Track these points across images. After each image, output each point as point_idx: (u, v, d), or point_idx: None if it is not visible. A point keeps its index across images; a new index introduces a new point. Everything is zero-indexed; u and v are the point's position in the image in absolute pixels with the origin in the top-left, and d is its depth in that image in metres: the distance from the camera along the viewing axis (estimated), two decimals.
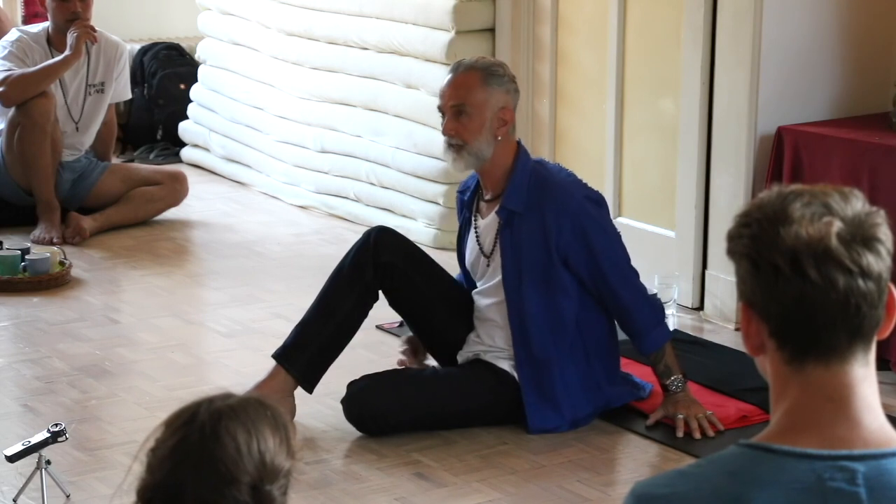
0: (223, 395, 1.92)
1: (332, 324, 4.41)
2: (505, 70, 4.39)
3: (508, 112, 4.33)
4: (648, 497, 1.74)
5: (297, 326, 4.47)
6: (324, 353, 4.42)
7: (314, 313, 4.45)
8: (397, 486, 4.02)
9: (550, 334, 4.31)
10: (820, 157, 4.95)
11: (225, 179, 7.44)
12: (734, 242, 1.77)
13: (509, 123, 4.33)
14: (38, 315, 5.42)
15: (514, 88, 4.37)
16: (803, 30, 5.22)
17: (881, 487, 1.68)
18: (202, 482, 1.84)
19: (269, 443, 1.87)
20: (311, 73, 6.91)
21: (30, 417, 4.45)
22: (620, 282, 4.33)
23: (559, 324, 4.32)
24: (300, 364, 4.39)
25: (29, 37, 6.56)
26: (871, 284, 1.71)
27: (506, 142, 4.34)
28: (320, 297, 4.47)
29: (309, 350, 4.40)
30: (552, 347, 4.32)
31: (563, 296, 4.31)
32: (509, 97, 4.34)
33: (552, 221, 4.27)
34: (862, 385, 1.73)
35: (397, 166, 6.43)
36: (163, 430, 1.90)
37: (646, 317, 4.34)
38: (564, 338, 4.33)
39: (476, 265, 4.47)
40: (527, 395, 4.32)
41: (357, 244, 4.47)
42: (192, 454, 1.85)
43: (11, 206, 6.55)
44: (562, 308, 4.31)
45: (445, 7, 6.18)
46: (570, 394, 4.34)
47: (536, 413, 4.33)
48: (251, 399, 1.91)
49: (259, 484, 1.86)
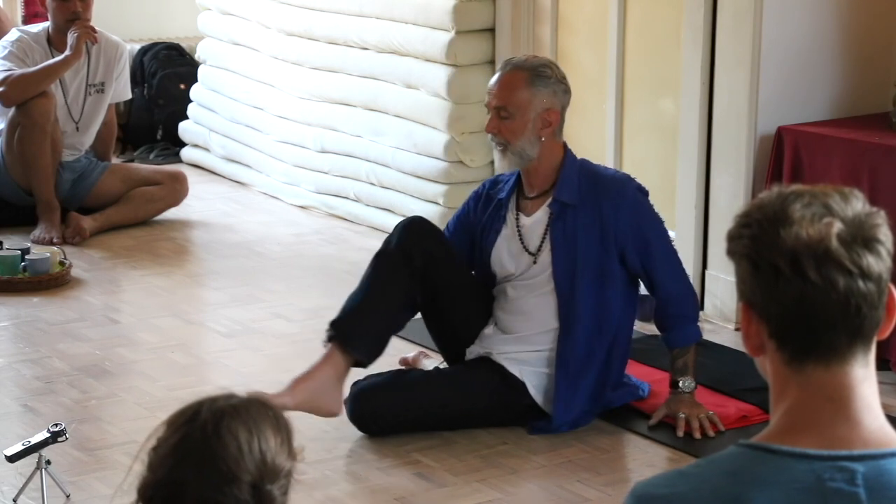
0: (226, 394, 1.92)
1: (387, 306, 4.33)
2: (553, 71, 4.38)
3: (554, 113, 4.33)
4: (648, 497, 1.75)
5: (352, 310, 4.35)
6: (383, 337, 4.36)
7: (368, 296, 4.34)
8: (397, 486, 4.02)
9: (597, 331, 4.34)
10: (820, 157, 4.95)
11: (225, 179, 7.44)
12: (734, 243, 1.77)
13: (554, 125, 4.33)
14: (38, 315, 5.43)
15: (562, 90, 4.36)
16: (803, 30, 5.22)
17: (881, 488, 1.68)
18: (203, 480, 1.85)
19: (271, 442, 1.88)
20: (311, 73, 6.91)
21: (30, 417, 4.45)
22: (672, 273, 4.40)
23: (606, 321, 4.36)
24: (362, 346, 4.31)
25: (29, 37, 6.56)
26: (872, 285, 1.71)
27: (551, 142, 4.35)
28: (371, 281, 4.37)
29: (370, 334, 4.32)
30: (595, 343, 4.35)
31: (614, 291, 4.35)
32: (556, 98, 4.34)
33: (610, 213, 4.32)
34: (862, 385, 1.73)
35: (397, 166, 6.43)
36: (165, 428, 1.90)
37: (688, 310, 4.42)
38: (607, 335, 4.35)
39: (513, 262, 4.44)
40: (560, 390, 4.33)
41: (401, 231, 4.43)
42: (193, 452, 1.86)
43: (11, 206, 6.55)
44: (610, 304, 4.35)
45: (445, 7, 6.18)
46: (587, 393, 4.36)
47: (563, 411, 4.34)
48: (253, 399, 1.92)
49: (260, 483, 1.86)
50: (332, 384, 4.24)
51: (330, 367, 4.27)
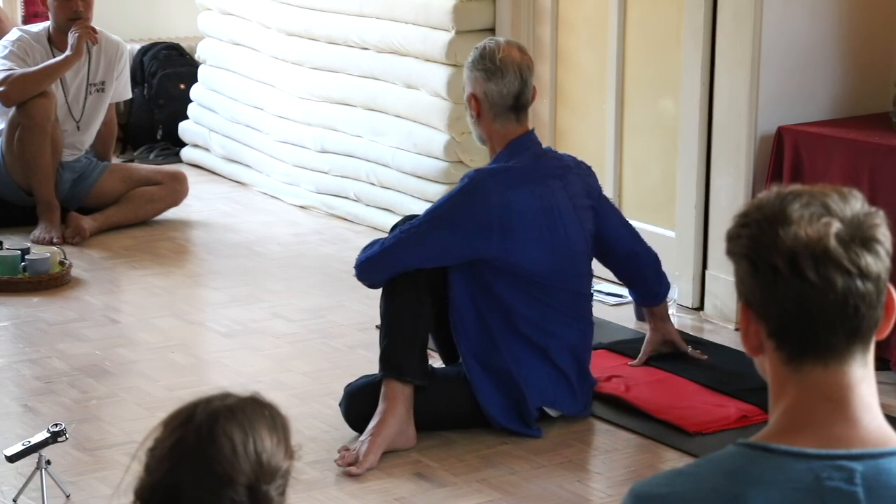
0: (221, 395, 1.92)
1: (414, 325, 4.27)
2: (475, 56, 4.43)
3: (473, 98, 4.39)
4: (647, 496, 1.75)
5: (391, 343, 4.26)
6: (425, 354, 4.31)
7: (395, 324, 4.28)
8: (397, 486, 4.02)
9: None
10: (820, 157, 4.95)
11: (225, 179, 7.44)
12: (733, 243, 1.77)
13: (477, 109, 4.38)
14: (38, 315, 5.43)
15: (481, 75, 4.38)
16: (803, 30, 5.22)
17: (879, 487, 1.68)
18: (199, 483, 1.85)
19: (266, 443, 1.87)
20: (311, 73, 6.91)
21: (30, 417, 4.46)
22: (636, 236, 4.61)
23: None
24: (415, 372, 4.25)
25: (30, 36, 6.56)
26: (870, 285, 1.71)
27: (489, 126, 4.41)
28: (391, 309, 4.31)
29: (415, 356, 4.26)
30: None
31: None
32: (477, 84, 4.40)
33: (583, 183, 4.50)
34: (860, 385, 1.74)
35: (397, 166, 6.44)
36: (161, 429, 1.90)
37: (660, 269, 4.65)
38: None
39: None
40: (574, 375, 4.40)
41: None
42: (188, 455, 1.86)
43: (11, 206, 6.55)
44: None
45: (445, 7, 6.18)
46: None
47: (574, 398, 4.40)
48: (249, 399, 1.91)
49: (256, 484, 1.86)
50: (405, 421, 4.22)
51: (398, 404, 4.21)
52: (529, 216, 4.27)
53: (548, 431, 4.35)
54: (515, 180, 4.29)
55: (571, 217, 4.35)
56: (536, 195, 4.29)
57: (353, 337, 5.16)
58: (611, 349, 4.92)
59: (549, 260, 4.30)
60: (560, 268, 4.32)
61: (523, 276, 4.26)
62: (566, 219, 4.33)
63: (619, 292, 5.50)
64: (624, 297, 5.45)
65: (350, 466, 4.07)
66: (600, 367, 4.63)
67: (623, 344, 5.01)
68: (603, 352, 4.84)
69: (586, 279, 4.44)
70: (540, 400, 4.35)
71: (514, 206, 4.25)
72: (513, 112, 4.36)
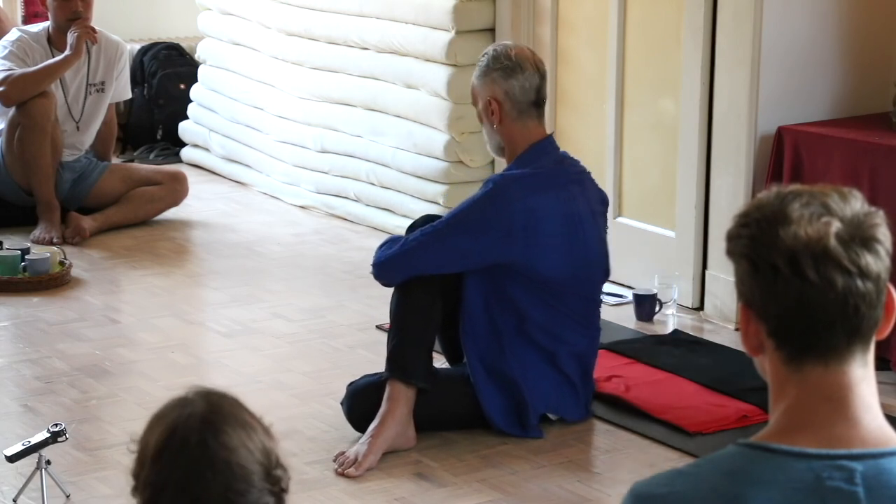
0: (181, 404, 1.92)
1: (423, 327, 4.27)
2: (490, 56, 4.37)
3: (493, 101, 4.32)
4: (647, 496, 1.75)
5: (398, 343, 4.27)
6: (431, 358, 4.32)
7: (405, 325, 4.28)
8: (397, 486, 4.02)
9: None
10: (820, 157, 4.95)
11: (225, 179, 7.44)
12: (733, 243, 1.77)
13: (497, 112, 4.31)
14: (38, 315, 5.43)
15: (500, 75, 4.32)
16: (803, 30, 5.22)
17: (879, 486, 1.68)
18: (224, 495, 1.88)
19: (259, 431, 1.92)
20: (311, 73, 6.91)
21: (30, 417, 4.46)
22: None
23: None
24: (420, 375, 4.25)
25: (29, 36, 6.56)
26: (870, 285, 1.71)
27: (509, 129, 4.34)
28: (402, 310, 4.30)
29: (421, 358, 4.26)
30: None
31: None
32: (495, 86, 4.32)
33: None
34: (860, 385, 1.74)
35: (397, 166, 6.44)
36: (154, 463, 1.90)
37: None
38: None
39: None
40: (578, 382, 4.39)
41: None
42: (205, 479, 1.88)
43: (11, 206, 6.55)
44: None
45: (445, 7, 6.18)
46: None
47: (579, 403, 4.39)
48: (215, 399, 1.93)
49: (270, 470, 1.91)
50: (405, 422, 4.22)
51: (400, 405, 4.21)
52: (553, 221, 4.24)
53: (548, 431, 4.35)
54: (540, 185, 4.26)
55: (590, 223, 4.33)
56: (560, 200, 4.26)
57: (353, 337, 5.16)
58: (611, 349, 4.92)
59: (567, 266, 4.27)
60: (577, 274, 4.29)
61: (540, 281, 4.25)
62: (586, 224, 4.31)
63: (620, 292, 5.51)
64: (624, 297, 5.46)
65: (349, 469, 4.07)
66: (600, 367, 4.62)
67: (623, 344, 5.01)
68: (603, 352, 4.83)
69: (599, 286, 4.44)
70: (543, 406, 4.35)
71: (538, 211, 4.22)
72: (535, 108, 4.32)
